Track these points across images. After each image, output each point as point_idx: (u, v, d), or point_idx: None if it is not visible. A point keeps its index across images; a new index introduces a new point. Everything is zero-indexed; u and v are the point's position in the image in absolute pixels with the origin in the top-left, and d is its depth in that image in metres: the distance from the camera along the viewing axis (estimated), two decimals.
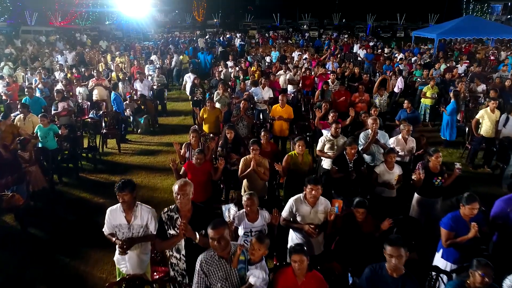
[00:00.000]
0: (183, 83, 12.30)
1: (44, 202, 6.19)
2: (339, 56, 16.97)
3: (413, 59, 16.37)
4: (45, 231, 5.55)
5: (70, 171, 7.26)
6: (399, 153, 5.70)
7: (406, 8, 48.31)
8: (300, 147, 4.84)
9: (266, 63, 15.80)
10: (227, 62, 13.83)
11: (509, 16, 49.77)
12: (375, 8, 47.85)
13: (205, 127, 7.40)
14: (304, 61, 14.47)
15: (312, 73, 11.39)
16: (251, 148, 4.82)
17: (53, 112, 8.11)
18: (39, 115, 6.73)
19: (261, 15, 55.32)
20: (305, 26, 46.23)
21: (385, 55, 18.79)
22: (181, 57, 16.16)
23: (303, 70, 11.17)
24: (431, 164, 4.70)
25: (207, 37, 29.95)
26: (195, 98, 10.33)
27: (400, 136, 5.79)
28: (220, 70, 13.00)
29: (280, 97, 7.38)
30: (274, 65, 13.19)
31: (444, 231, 3.52)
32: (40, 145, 6.63)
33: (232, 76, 12.12)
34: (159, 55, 18.08)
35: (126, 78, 10.90)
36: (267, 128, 8.26)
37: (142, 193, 6.64)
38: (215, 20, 50.74)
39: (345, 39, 28.61)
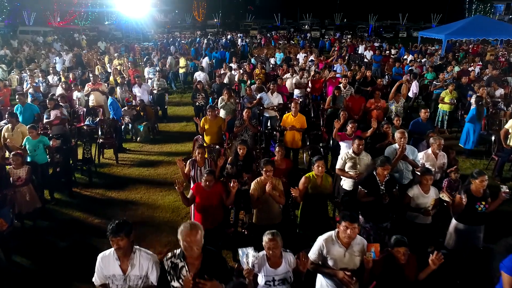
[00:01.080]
0: (194, 80, 12.01)
1: (33, 223, 5.56)
2: (346, 58, 16.35)
3: (422, 60, 15.79)
4: (33, 260, 4.92)
5: (63, 186, 6.62)
6: (429, 168, 5.09)
7: (408, 8, 47.74)
8: (319, 168, 4.22)
9: (271, 65, 15.18)
10: (230, 65, 13.19)
11: (510, 16, 49.29)
12: (377, 8, 47.30)
13: (207, 139, 6.77)
14: (310, 63, 13.85)
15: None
16: (264, 169, 4.19)
17: (45, 120, 7.49)
18: (27, 126, 6.09)
19: (262, 15, 54.78)
20: (306, 26, 45.65)
21: (391, 56, 18.22)
22: (182, 59, 15.32)
23: (312, 73, 10.54)
24: (473, 187, 4.09)
25: (208, 37, 29.35)
26: (197, 103, 9.73)
27: (429, 150, 5.18)
28: (222, 72, 12.39)
29: (292, 104, 6.75)
30: (281, 68, 12.58)
31: (507, 278, 2.91)
32: (29, 159, 6.00)
33: (236, 79, 11.49)
34: (159, 56, 17.46)
35: (125, 82, 10.24)
36: (277, 137, 7.68)
37: (141, 211, 6.03)
38: (215, 20, 50.17)
39: (348, 40, 28.01)
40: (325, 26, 46.66)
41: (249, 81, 10.45)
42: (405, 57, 16.18)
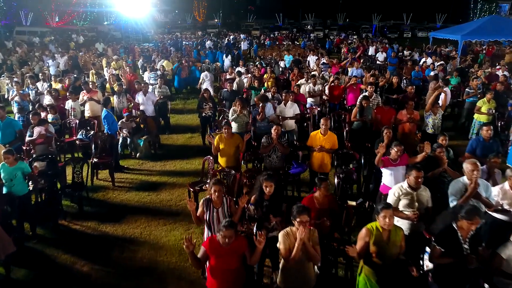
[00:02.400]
0: (199, 81, 11.48)
1: (6, 273, 4.46)
2: (362, 60, 15.27)
3: (440, 62, 14.72)
4: None
5: (47, 217, 5.52)
6: (507, 209, 4.03)
7: (412, 7, 46.89)
8: (386, 219, 3.15)
9: (280, 69, 14.11)
10: (238, 69, 12.11)
11: None
12: (380, 7, 46.37)
13: (222, 161, 5.71)
14: (323, 66, 12.75)
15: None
16: (299, 219, 3.14)
17: (27, 139, 6.39)
18: (2, 151, 5.00)
19: (263, 15, 53.91)
20: (309, 27, 44.66)
21: (404, 58, 17.18)
22: (165, 62, 13.98)
23: (331, 79, 9.47)
24: None
25: (211, 37, 28.33)
26: (204, 114, 8.66)
27: (506, 185, 4.11)
28: (228, 77, 11.33)
29: (322, 121, 5.67)
30: (292, 72, 11.49)
31: None
32: (4, 190, 4.94)
33: (246, 85, 10.42)
34: (159, 58, 16.37)
35: (123, 91, 9.13)
36: (300, 157, 6.58)
37: (141, 254, 4.93)
38: (215, 20, 49.21)
39: (355, 40, 26.93)
40: (327, 26, 45.59)
41: (262, 89, 9.37)
42: (424, 59, 15.12)
